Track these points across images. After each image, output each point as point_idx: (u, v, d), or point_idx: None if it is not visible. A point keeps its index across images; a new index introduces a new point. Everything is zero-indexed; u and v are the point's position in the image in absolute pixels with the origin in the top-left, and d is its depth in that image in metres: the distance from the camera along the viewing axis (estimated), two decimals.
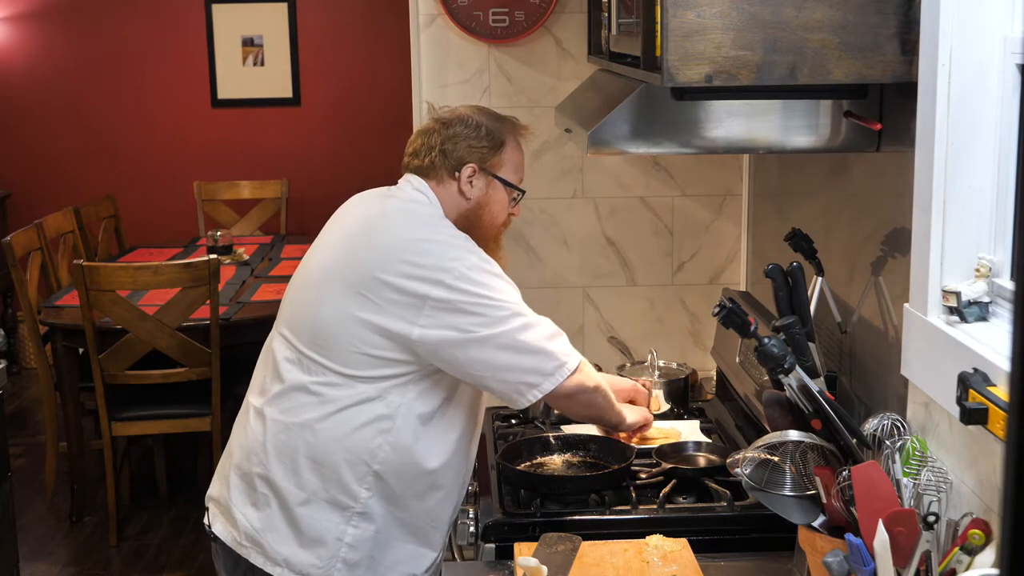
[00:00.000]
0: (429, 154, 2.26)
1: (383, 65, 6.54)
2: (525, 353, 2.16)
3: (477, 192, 2.25)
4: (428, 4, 3.29)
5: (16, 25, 6.59)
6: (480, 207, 2.26)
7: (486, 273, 2.16)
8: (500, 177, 2.27)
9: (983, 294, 1.85)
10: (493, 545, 2.27)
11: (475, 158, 2.24)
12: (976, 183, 1.87)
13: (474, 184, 2.25)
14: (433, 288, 2.11)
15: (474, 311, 2.12)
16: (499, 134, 2.27)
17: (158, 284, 4.26)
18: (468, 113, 2.29)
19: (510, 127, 2.30)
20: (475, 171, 2.24)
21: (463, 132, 2.26)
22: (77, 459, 4.55)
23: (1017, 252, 1.77)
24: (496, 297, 2.15)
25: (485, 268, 2.17)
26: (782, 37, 2.00)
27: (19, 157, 6.64)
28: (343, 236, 2.26)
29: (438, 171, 2.25)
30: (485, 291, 2.14)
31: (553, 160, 3.39)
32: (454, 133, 2.26)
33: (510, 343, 2.15)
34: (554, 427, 2.84)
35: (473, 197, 2.25)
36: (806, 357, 2.10)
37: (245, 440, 2.25)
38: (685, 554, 2.15)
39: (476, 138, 2.25)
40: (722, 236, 3.43)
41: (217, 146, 6.66)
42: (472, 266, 2.14)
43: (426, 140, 2.28)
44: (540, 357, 2.18)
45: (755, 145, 2.28)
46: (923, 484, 1.83)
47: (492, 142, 2.26)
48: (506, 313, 2.15)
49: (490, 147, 2.25)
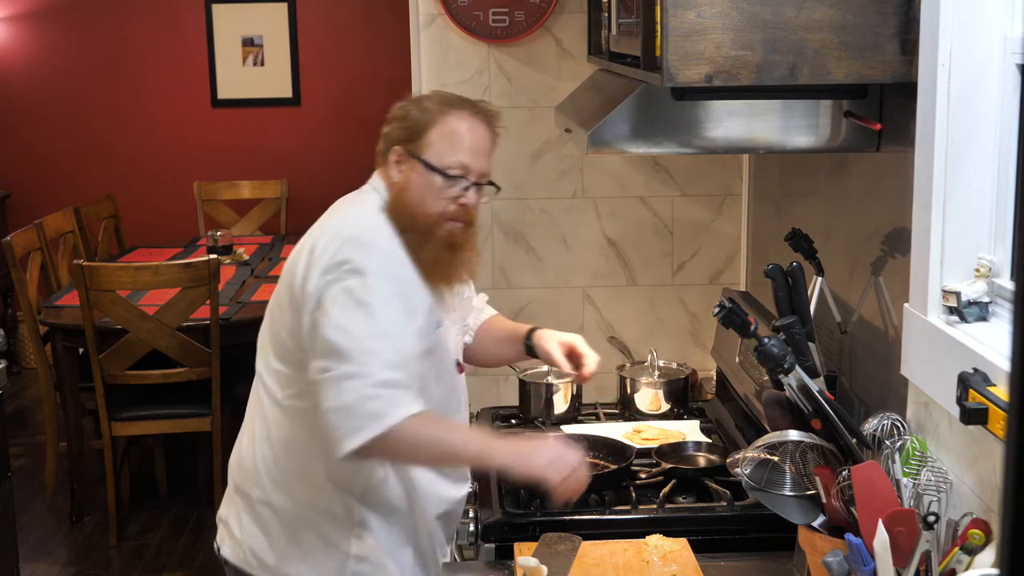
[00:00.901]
0: (381, 140, 2.16)
1: (383, 65, 6.54)
2: (329, 408, 1.96)
3: (401, 176, 2.10)
4: (428, 4, 3.29)
5: (16, 25, 6.59)
6: (402, 191, 2.09)
7: (352, 301, 1.98)
8: (423, 159, 2.07)
9: (983, 294, 1.85)
10: (493, 545, 2.27)
11: (401, 139, 2.10)
12: (976, 183, 1.87)
13: (401, 168, 2.10)
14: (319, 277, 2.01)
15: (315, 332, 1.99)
16: (431, 112, 2.09)
17: (158, 284, 4.26)
18: (421, 95, 2.21)
19: (457, 107, 2.11)
20: (400, 154, 2.10)
21: (397, 113, 2.14)
22: (77, 459, 4.55)
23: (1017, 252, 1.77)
24: (340, 328, 1.97)
25: (358, 295, 1.98)
26: (782, 37, 2.00)
27: (19, 157, 6.64)
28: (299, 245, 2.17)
29: (380, 155, 2.15)
30: (335, 317, 1.97)
31: (553, 160, 3.39)
32: (393, 115, 2.15)
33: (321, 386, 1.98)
34: (554, 427, 2.84)
35: (399, 181, 2.10)
36: (806, 357, 2.10)
37: (240, 460, 2.22)
38: (685, 554, 2.15)
39: (403, 118, 2.12)
40: (722, 236, 3.43)
41: (217, 146, 6.66)
42: (348, 289, 1.98)
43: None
44: (340, 415, 1.94)
45: (755, 145, 2.28)
46: (923, 484, 1.83)
47: (420, 118, 2.09)
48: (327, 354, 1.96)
49: (414, 125, 2.09)
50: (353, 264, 1.99)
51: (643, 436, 2.75)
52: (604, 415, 2.97)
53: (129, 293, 4.40)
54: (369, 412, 1.92)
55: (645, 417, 2.92)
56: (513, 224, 3.40)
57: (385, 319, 1.98)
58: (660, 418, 2.91)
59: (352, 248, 2.01)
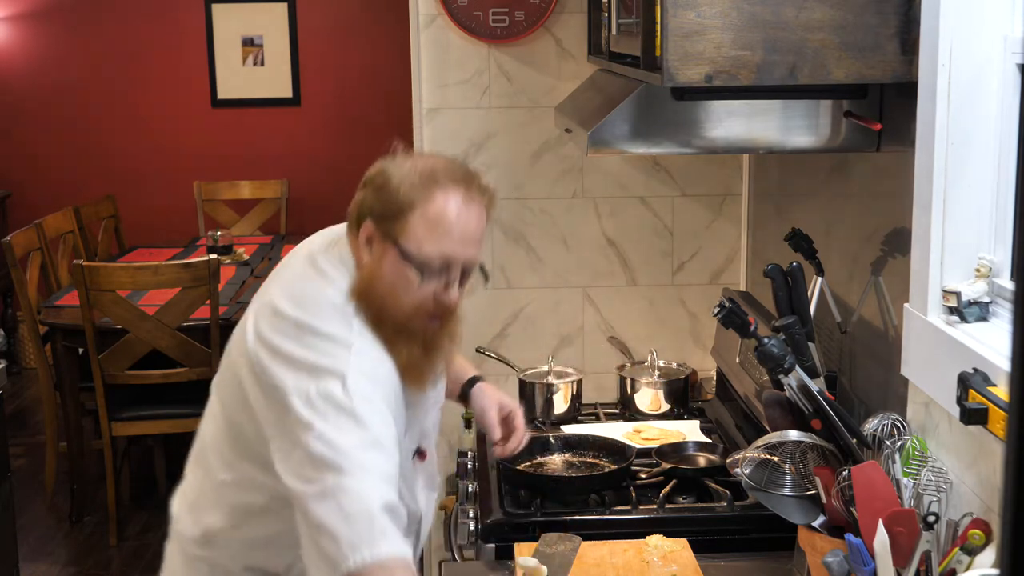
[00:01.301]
0: (355, 197, 1.83)
1: (383, 65, 6.54)
2: (316, 528, 1.66)
3: (372, 260, 1.78)
4: (428, 4, 3.29)
5: (16, 25, 6.59)
6: (373, 277, 1.77)
7: (333, 407, 1.69)
8: (400, 245, 1.75)
9: (983, 294, 1.85)
10: (493, 545, 2.27)
11: (375, 217, 1.77)
12: (976, 183, 1.87)
13: (372, 247, 1.78)
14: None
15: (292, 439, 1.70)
16: (414, 190, 1.74)
17: (158, 284, 4.26)
18: (402, 160, 1.80)
19: (437, 188, 1.75)
20: (372, 232, 1.77)
21: (375, 177, 1.79)
22: (77, 459, 4.55)
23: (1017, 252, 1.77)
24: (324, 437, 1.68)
25: (339, 401, 1.70)
26: (782, 37, 2.00)
27: (19, 157, 6.64)
28: (255, 301, 1.90)
29: (352, 223, 1.82)
30: (318, 427, 1.68)
31: (553, 160, 3.39)
32: (369, 178, 1.80)
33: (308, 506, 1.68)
34: (554, 427, 2.84)
35: (368, 264, 1.78)
36: (806, 357, 2.10)
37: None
38: (685, 554, 2.15)
39: (380, 187, 1.77)
40: (722, 236, 3.43)
41: (217, 146, 6.66)
42: (327, 394, 1.69)
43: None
44: (327, 538, 1.64)
45: (755, 145, 2.28)
46: (923, 484, 1.83)
47: (397, 197, 1.74)
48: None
49: (394, 203, 1.75)
50: (327, 365, 1.71)
51: (643, 436, 2.75)
52: (604, 415, 2.97)
53: (129, 293, 4.40)
54: (379, 529, 1.64)
55: (645, 417, 2.92)
56: (513, 224, 3.40)
57: (374, 426, 1.70)
58: (660, 418, 2.91)
59: (325, 346, 1.73)
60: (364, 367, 1.73)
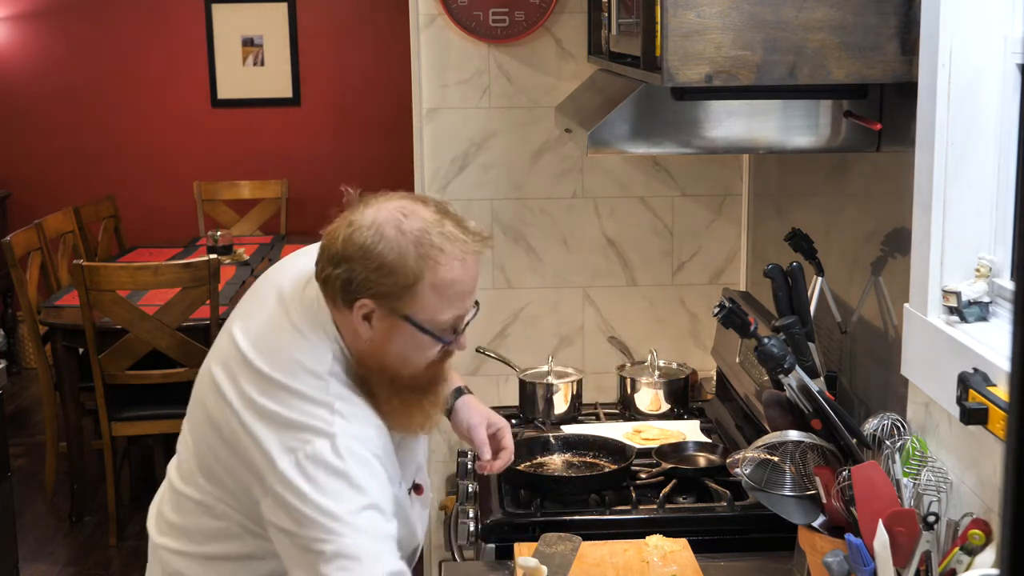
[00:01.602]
0: (327, 267, 1.69)
1: (383, 65, 6.54)
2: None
3: (378, 335, 1.70)
4: (428, 4, 3.29)
5: (16, 25, 6.59)
6: (382, 354, 1.72)
7: (324, 469, 1.65)
8: (412, 320, 1.69)
9: (983, 294, 1.85)
10: (493, 545, 2.27)
11: (373, 294, 1.67)
12: (976, 183, 1.87)
13: (374, 325, 1.69)
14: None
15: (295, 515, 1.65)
16: (415, 264, 1.65)
17: (158, 284, 4.26)
18: (380, 222, 1.67)
19: (434, 252, 1.66)
20: (373, 311, 1.68)
21: (364, 252, 1.66)
22: (77, 459, 4.55)
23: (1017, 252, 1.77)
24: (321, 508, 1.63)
25: (330, 464, 1.65)
26: (782, 37, 2.00)
27: (19, 157, 6.64)
28: (225, 335, 1.87)
29: (333, 294, 1.71)
30: (310, 493, 1.64)
31: (553, 160, 3.39)
32: (352, 252, 1.67)
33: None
34: (554, 427, 2.84)
35: (372, 339, 1.71)
36: (806, 357, 2.10)
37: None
38: (685, 554, 2.15)
39: (379, 266, 1.66)
40: (722, 236, 3.43)
41: (217, 146, 6.66)
42: (312, 455, 1.65)
43: (327, 248, 1.70)
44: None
45: (755, 145, 2.28)
46: (923, 484, 1.83)
47: (402, 276, 1.66)
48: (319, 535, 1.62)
49: (397, 281, 1.66)
50: (315, 426, 1.67)
51: (643, 436, 2.75)
52: (604, 415, 2.97)
53: (129, 293, 4.40)
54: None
55: (645, 417, 2.92)
56: (513, 224, 3.40)
57: (371, 490, 1.66)
58: (660, 418, 2.91)
59: (308, 407, 1.68)
60: (352, 429, 1.68)
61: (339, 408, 1.69)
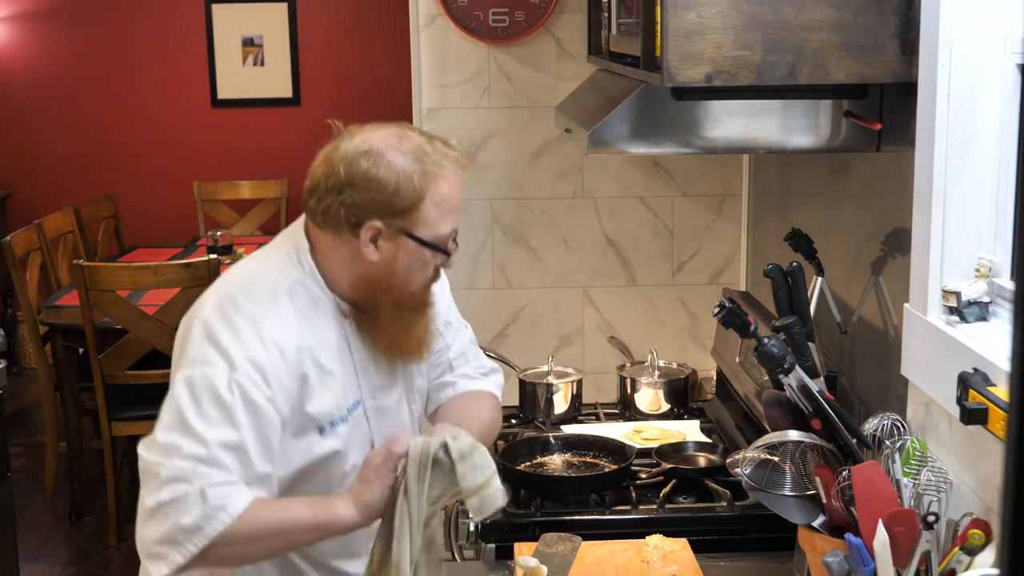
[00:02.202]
0: (325, 198, 1.77)
1: (383, 65, 6.54)
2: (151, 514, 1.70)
3: (383, 256, 1.77)
4: (428, 4, 3.29)
5: (16, 25, 6.59)
6: (388, 274, 1.78)
7: (210, 395, 1.71)
8: (418, 238, 1.77)
9: (983, 294, 1.85)
10: (493, 545, 2.27)
11: (381, 215, 1.75)
12: (976, 183, 1.87)
13: (379, 246, 1.77)
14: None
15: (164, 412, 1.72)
16: (419, 181, 1.75)
17: (158, 284, 4.26)
18: (378, 148, 1.76)
19: (436, 168, 1.77)
20: (380, 231, 1.75)
21: (371, 175, 1.74)
22: (77, 459, 4.55)
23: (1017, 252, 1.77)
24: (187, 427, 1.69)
25: (218, 391, 1.70)
26: (782, 37, 2.00)
27: (19, 157, 6.64)
28: None
29: (332, 222, 1.77)
30: (186, 407, 1.71)
31: (553, 160, 3.39)
32: (356, 177, 1.75)
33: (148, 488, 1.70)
34: (554, 427, 2.84)
35: (378, 260, 1.77)
36: (806, 357, 2.10)
37: None
38: (685, 554, 2.15)
39: (386, 187, 1.74)
40: (722, 236, 3.43)
41: (217, 146, 6.66)
42: (208, 376, 1.71)
43: (323, 178, 1.78)
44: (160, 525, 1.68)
45: (755, 145, 2.28)
46: (923, 484, 1.83)
47: (408, 193, 1.75)
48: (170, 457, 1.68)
49: (405, 199, 1.75)
50: (227, 351, 1.73)
51: (643, 436, 2.75)
52: (604, 415, 2.97)
53: (129, 293, 4.40)
54: (197, 514, 1.67)
55: (645, 417, 2.92)
56: (513, 224, 3.40)
57: (243, 428, 1.70)
58: (660, 418, 2.91)
59: (233, 329, 1.74)
60: (264, 356, 1.72)
61: (266, 330, 1.73)
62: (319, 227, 1.81)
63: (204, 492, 1.65)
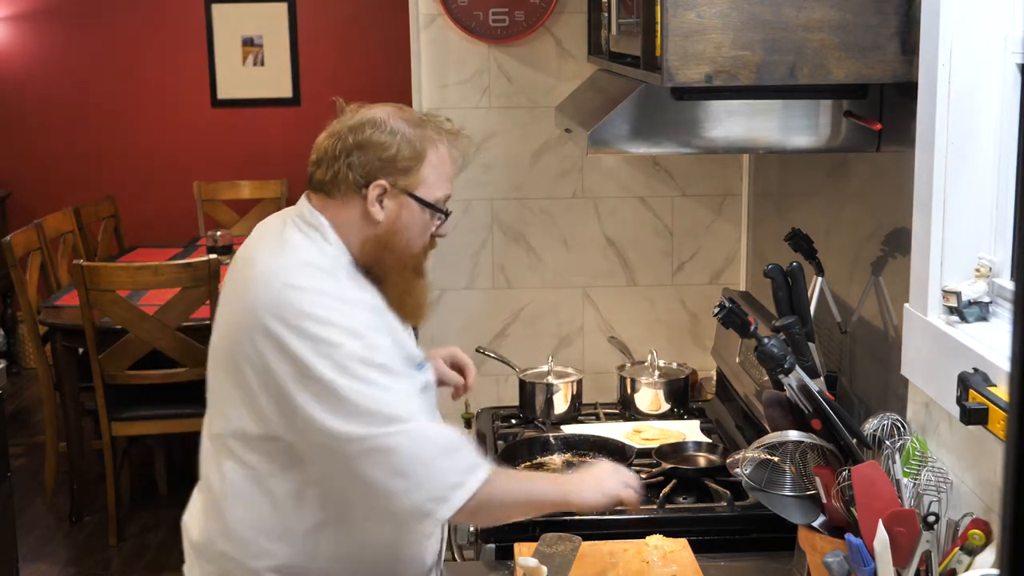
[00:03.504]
0: (332, 165, 1.89)
1: (383, 65, 6.54)
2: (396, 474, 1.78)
3: (388, 215, 1.88)
4: (428, 4, 3.29)
5: (16, 25, 6.59)
6: (392, 233, 1.89)
7: (364, 365, 1.79)
8: (417, 196, 1.89)
9: (983, 294, 1.85)
10: (493, 545, 2.27)
11: (386, 174, 1.87)
12: (976, 183, 1.87)
13: (384, 206, 1.88)
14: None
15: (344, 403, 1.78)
16: (419, 144, 1.89)
17: (158, 284, 4.26)
18: (381, 117, 1.90)
19: (433, 134, 1.91)
20: (385, 190, 1.87)
21: (375, 139, 1.87)
22: (77, 459, 4.55)
23: (1017, 252, 1.77)
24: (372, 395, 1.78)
25: (367, 359, 1.79)
26: (782, 37, 2.00)
27: (19, 157, 6.64)
28: (226, 294, 1.96)
29: (341, 187, 1.88)
30: (360, 386, 1.78)
31: (553, 160, 3.39)
32: (363, 141, 1.88)
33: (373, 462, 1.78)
34: (554, 427, 2.84)
35: (382, 220, 1.88)
36: (806, 357, 2.10)
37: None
38: (685, 554, 2.15)
39: (389, 147, 1.87)
40: (722, 236, 3.43)
41: (217, 146, 6.66)
42: (350, 355, 1.78)
43: (331, 147, 1.90)
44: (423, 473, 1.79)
45: (755, 145, 2.28)
46: (923, 484, 1.83)
47: (410, 154, 1.88)
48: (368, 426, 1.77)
49: (407, 159, 1.88)
50: (341, 325, 1.79)
51: (643, 436, 2.75)
52: (604, 415, 2.97)
53: (129, 293, 4.40)
54: (457, 467, 1.80)
55: (645, 417, 2.92)
56: (513, 224, 3.40)
57: (402, 373, 1.85)
58: (660, 418, 2.91)
59: (324, 305, 1.80)
60: (372, 321, 1.84)
61: (361, 300, 1.86)
62: (327, 195, 1.90)
63: (450, 440, 1.82)
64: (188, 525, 2.05)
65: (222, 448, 1.90)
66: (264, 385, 1.80)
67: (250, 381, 1.81)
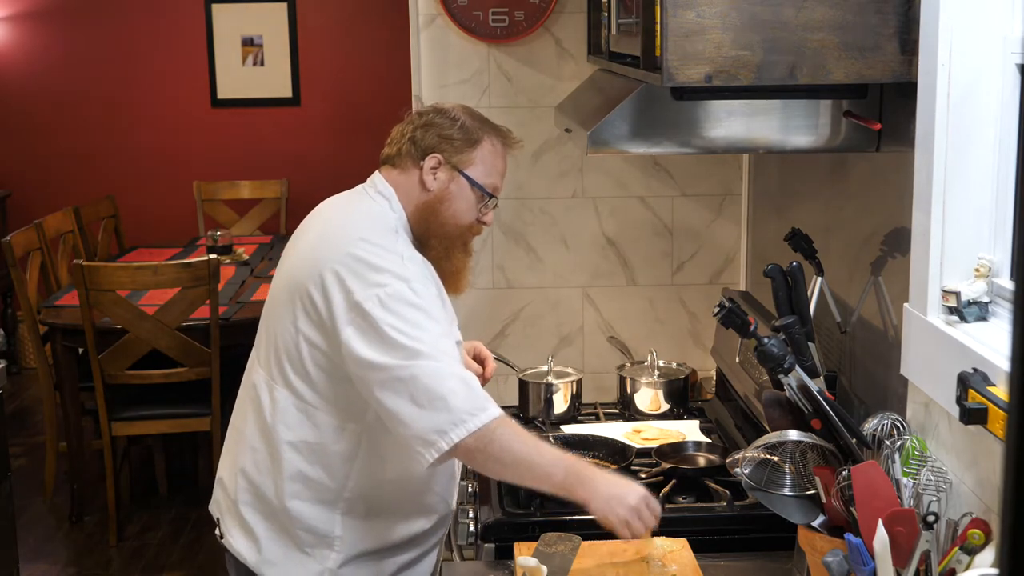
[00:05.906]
0: (400, 142, 2.18)
1: (383, 65, 6.54)
2: (422, 405, 1.95)
3: (439, 185, 2.14)
4: (428, 4, 3.29)
5: (16, 25, 6.59)
6: (440, 201, 2.15)
7: (406, 305, 1.99)
8: (467, 175, 2.15)
9: (983, 294, 1.85)
10: (493, 545, 2.27)
11: (443, 149, 2.14)
12: (976, 183, 1.87)
13: (437, 176, 2.14)
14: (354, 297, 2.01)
15: (385, 339, 1.97)
16: (476, 132, 2.16)
17: (158, 284, 4.26)
18: (448, 107, 2.21)
19: (492, 130, 2.20)
20: (440, 163, 2.14)
21: (437, 121, 2.16)
22: (77, 459, 4.55)
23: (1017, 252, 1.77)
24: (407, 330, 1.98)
25: (408, 299, 1.99)
26: (782, 37, 2.00)
27: (19, 157, 6.64)
28: (292, 248, 2.20)
29: (404, 158, 2.16)
30: (391, 321, 1.97)
31: (553, 160, 3.39)
32: (428, 121, 2.17)
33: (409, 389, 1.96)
34: (554, 427, 2.84)
35: (433, 189, 2.14)
36: (806, 357, 2.10)
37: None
38: (685, 554, 2.15)
39: (448, 128, 2.15)
40: (722, 236, 3.43)
41: (217, 146, 6.66)
42: (394, 294, 1.99)
43: (401, 128, 2.20)
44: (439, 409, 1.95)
45: (755, 145, 2.28)
46: (923, 484, 1.83)
47: (465, 136, 2.15)
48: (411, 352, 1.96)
49: (462, 141, 2.15)
50: (393, 271, 2.01)
51: (643, 436, 2.75)
52: (604, 415, 2.97)
53: (129, 293, 4.40)
54: (464, 406, 1.94)
55: (645, 417, 2.92)
56: (513, 224, 3.40)
57: (442, 323, 2.04)
58: (660, 418, 2.91)
59: (384, 255, 2.03)
60: (423, 273, 2.07)
61: (412, 256, 2.08)
62: (392, 167, 2.17)
63: (466, 382, 1.97)
64: (222, 468, 2.33)
65: (278, 375, 2.11)
66: (325, 307, 2.01)
67: (316, 300, 2.02)
